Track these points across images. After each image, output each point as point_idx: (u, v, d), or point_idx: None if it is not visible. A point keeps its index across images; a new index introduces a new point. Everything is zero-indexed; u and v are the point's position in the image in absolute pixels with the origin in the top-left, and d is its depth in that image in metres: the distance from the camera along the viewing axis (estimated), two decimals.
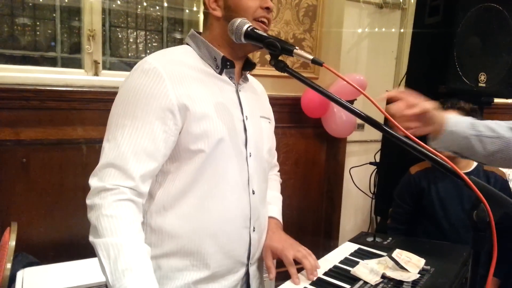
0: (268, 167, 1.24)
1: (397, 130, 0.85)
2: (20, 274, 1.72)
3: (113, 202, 0.91)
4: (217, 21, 1.06)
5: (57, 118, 1.97)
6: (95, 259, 1.01)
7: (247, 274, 1.13)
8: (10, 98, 1.91)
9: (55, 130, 1.98)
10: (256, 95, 1.22)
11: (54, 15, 2.18)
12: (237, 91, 1.11)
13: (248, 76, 1.20)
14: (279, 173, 1.43)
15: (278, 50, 0.92)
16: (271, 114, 1.29)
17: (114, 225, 0.89)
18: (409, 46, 2.45)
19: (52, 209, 2.03)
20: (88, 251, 0.99)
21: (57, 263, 1.83)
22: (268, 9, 1.04)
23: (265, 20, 1.05)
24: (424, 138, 0.96)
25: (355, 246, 1.30)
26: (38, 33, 2.20)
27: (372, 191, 2.92)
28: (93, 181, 0.94)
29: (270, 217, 1.25)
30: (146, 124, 0.95)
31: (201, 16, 2.39)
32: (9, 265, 1.56)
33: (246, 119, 1.10)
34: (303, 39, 2.56)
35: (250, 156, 1.09)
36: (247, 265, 1.12)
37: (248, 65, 1.16)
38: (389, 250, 1.21)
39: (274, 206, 1.30)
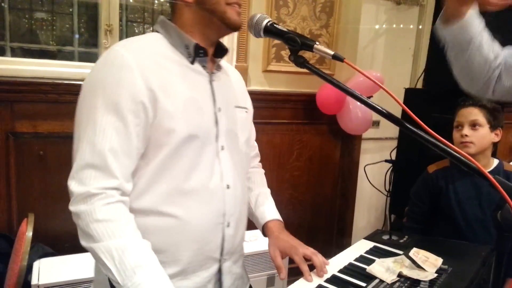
0: (246, 160, 1.20)
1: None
2: (36, 264, 1.75)
3: (103, 207, 0.87)
4: (187, 6, 1.01)
5: (73, 112, 1.97)
6: None
7: (219, 270, 1.09)
8: (28, 91, 1.93)
9: (72, 123, 1.99)
10: (231, 83, 1.16)
11: (71, 9, 2.20)
12: (210, 82, 1.06)
13: (223, 63, 1.15)
14: (260, 164, 1.37)
15: (298, 45, 0.90)
16: (248, 103, 1.23)
17: (110, 229, 0.87)
18: (427, 43, 2.42)
19: (68, 201, 2.05)
20: None
21: (73, 254, 1.85)
22: None
23: (237, 8, 1.01)
24: (447, 135, 0.94)
25: (370, 244, 1.29)
26: (55, 27, 2.22)
27: (387, 189, 2.89)
28: (74, 186, 0.89)
29: (270, 221, 1.22)
30: (119, 119, 0.89)
31: None
32: (26, 256, 1.59)
33: (219, 110, 1.05)
34: (320, 35, 2.54)
35: (222, 149, 1.06)
36: (220, 261, 1.08)
37: (220, 51, 1.10)
38: (405, 248, 1.20)
39: (267, 206, 1.26)
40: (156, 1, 2.41)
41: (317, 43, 0.89)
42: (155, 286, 0.85)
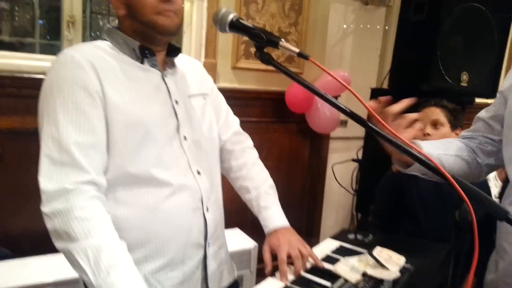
0: (214, 144, 1.21)
1: (381, 127, 0.85)
2: None
3: (80, 203, 0.87)
4: (124, 18, 1.05)
5: (34, 107, 1.90)
6: None
7: (205, 256, 1.11)
8: None
9: (32, 119, 1.90)
10: (187, 75, 1.18)
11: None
12: (163, 78, 1.09)
13: (181, 56, 1.18)
14: (250, 144, 1.35)
15: (264, 41, 0.89)
16: (205, 88, 1.24)
17: (87, 227, 0.86)
18: (393, 43, 2.46)
19: (28, 201, 1.97)
20: None
21: (33, 256, 1.78)
22: (168, 1, 1.01)
23: (169, 14, 1.02)
24: None
25: (336, 243, 1.30)
26: (16, 18, 2.12)
27: (354, 188, 2.93)
28: (46, 185, 0.89)
29: (278, 229, 1.21)
30: (80, 114, 0.92)
31: (184, 6, 2.35)
32: None
33: (176, 103, 1.08)
34: (289, 33, 2.54)
35: (185, 139, 1.08)
36: (205, 247, 1.11)
37: (172, 51, 1.13)
38: (370, 247, 1.21)
39: (272, 210, 1.24)
40: None
41: (282, 40, 0.88)
42: (129, 286, 0.84)
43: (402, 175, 1.81)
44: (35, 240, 2.00)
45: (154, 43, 1.06)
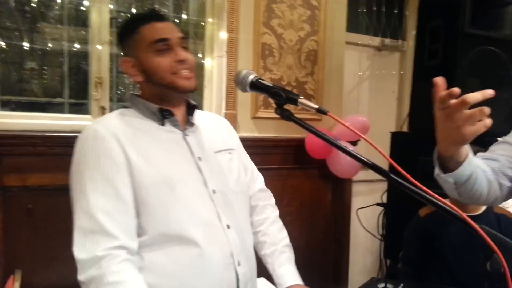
0: (243, 197, 1.23)
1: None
2: None
3: (112, 268, 0.91)
4: (142, 84, 1.11)
5: (64, 164, 1.97)
6: None
7: None
8: (18, 144, 1.93)
9: (61, 176, 1.96)
10: (207, 132, 1.22)
11: (61, 60, 2.24)
12: (184, 137, 1.13)
13: (201, 113, 1.23)
14: (277, 211, 1.39)
15: (283, 99, 0.94)
16: (231, 144, 1.28)
17: None
18: (410, 86, 2.49)
19: (57, 256, 2.00)
20: None
21: None
22: (182, 61, 1.06)
23: (186, 72, 1.07)
24: (430, 184, 0.95)
25: None
26: (45, 79, 2.26)
27: (380, 233, 2.87)
28: (80, 254, 0.94)
29: (292, 286, 1.23)
30: (107, 184, 0.97)
31: (205, 63, 2.46)
32: None
33: (200, 160, 1.11)
34: (305, 82, 2.61)
35: (214, 193, 1.10)
36: None
37: (191, 109, 1.18)
38: None
39: (288, 267, 1.27)
40: None
41: (301, 97, 0.92)
42: None
43: (431, 219, 1.77)
44: None
45: (172, 101, 1.11)
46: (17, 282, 1.65)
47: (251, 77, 0.99)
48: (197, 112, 1.20)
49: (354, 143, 2.49)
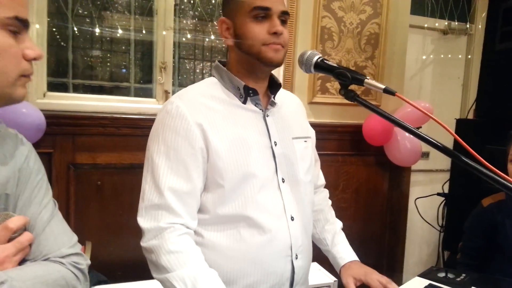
0: (310, 188, 1.21)
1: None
2: None
3: (172, 239, 0.96)
4: (231, 49, 1.08)
5: (130, 144, 2.10)
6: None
7: None
8: (89, 125, 2.06)
9: (128, 155, 2.11)
10: (288, 116, 1.19)
11: (128, 47, 2.35)
12: (264, 118, 1.11)
13: (284, 93, 1.20)
14: (329, 200, 1.39)
15: (349, 80, 0.93)
16: (308, 132, 1.26)
17: (181, 259, 0.94)
18: (478, 72, 2.36)
19: (122, 230, 2.13)
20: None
21: (124, 282, 1.91)
22: (275, 34, 1.02)
23: (277, 47, 1.04)
24: (502, 168, 0.91)
25: (425, 282, 1.25)
26: (113, 64, 2.38)
27: (440, 224, 2.77)
28: (144, 223, 0.99)
29: (348, 262, 1.22)
30: (180, 163, 0.99)
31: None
32: None
33: (275, 145, 1.10)
34: (365, 67, 2.55)
35: (283, 182, 1.09)
36: None
37: (274, 87, 1.15)
38: (462, 287, 1.14)
39: (342, 245, 1.27)
40: (206, 39, 2.54)
41: (367, 77, 0.91)
42: None
43: (494, 209, 1.69)
44: (126, 267, 2.15)
45: (257, 74, 1.09)
46: (88, 253, 1.78)
47: (316, 58, 0.98)
48: (280, 92, 1.17)
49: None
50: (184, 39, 2.43)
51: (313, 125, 2.46)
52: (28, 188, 0.78)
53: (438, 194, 2.72)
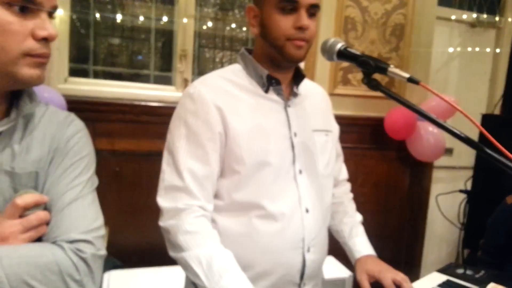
0: (329, 182, 1.19)
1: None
2: (106, 276, 1.84)
3: (190, 220, 0.97)
4: (257, 38, 1.08)
5: (149, 132, 2.11)
6: (174, 268, 1.05)
7: None
8: (108, 111, 2.08)
9: (146, 143, 2.12)
10: (310, 108, 1.17)
11: (149, 36, 2.36)
12: (285, 108, 1.10)
13: (309, 84, 1.19)
14: (350, 194, 1.37)
15: (372, 68, 0.90)
16: (330, 125, 1.23)
17: (198, 240, 0.96)
18: (506, 67, 2.28)
19: (139, 216, 2.15)
20: (167, 259, 1.05)
21: (139, 268, 1.93)
22: (301, 28, 1.00)
23: (301, 43, 1.01)
24: None
25: (443, 277, 1.22)
26: (133, 52, 2.39)
27: (461, 222, 2.71)
28: (163, 203, 1.00)
29: (364, 256, 1.20)
30: (199, 147, 1.00)
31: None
32: None
33: (295, 135, 1.08)
34: (389, 58, 2.49)
35: (300, 173, 1.08)
36: (299, 286, 1.09)
37: (298, 77, 1.13)
38: (481, 284, 1.11)
39: (362, 239, 1.24)
40: (227, 28, 2.52)
41: (391, 66, 0.87)
42: None
43: None
44: (142, 253, 2.17)
45: (280, 66, 1.07)
46: (105, 239, 1.80)
47: (339, 45, 0.96)
48: (304, 82, 1.15)
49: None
50: (204, 27, 2.41)
51: (334, 116, 2.45)
52: (60, 168, 0.77)
53: (461, 191, 2.66)
